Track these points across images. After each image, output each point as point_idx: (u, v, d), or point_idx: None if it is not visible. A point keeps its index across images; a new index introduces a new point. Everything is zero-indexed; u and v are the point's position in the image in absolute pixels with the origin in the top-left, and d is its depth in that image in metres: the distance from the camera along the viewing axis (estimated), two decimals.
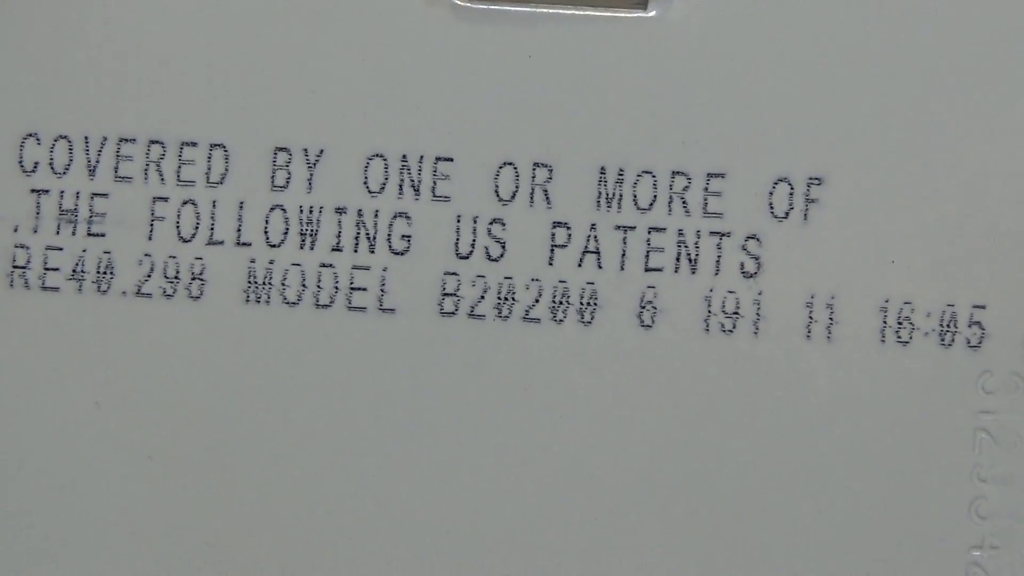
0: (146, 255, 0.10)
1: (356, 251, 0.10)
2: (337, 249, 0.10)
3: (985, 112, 0.10)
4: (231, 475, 0.10)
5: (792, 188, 0.10)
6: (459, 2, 0.10)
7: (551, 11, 0.10)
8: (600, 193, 0.10)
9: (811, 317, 0.10)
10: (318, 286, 0.10)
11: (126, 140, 0.10)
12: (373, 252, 0.10)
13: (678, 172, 0.10)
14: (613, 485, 0.10)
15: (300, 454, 0.10)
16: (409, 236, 0.10)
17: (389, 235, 0.10)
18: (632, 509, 0.10)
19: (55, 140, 0.10)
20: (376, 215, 0.10)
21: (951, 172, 0.10)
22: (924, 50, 0.10)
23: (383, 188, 0.10)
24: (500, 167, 0.10)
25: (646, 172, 0.10)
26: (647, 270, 0.10)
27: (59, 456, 0.11)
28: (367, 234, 0.10)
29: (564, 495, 0.10)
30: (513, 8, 0.10)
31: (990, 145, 0.10)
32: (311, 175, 0.10)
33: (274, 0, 0.10)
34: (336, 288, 0.10)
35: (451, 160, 0.10)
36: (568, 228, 0.10)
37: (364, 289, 0.10)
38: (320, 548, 0.10)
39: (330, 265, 0.10)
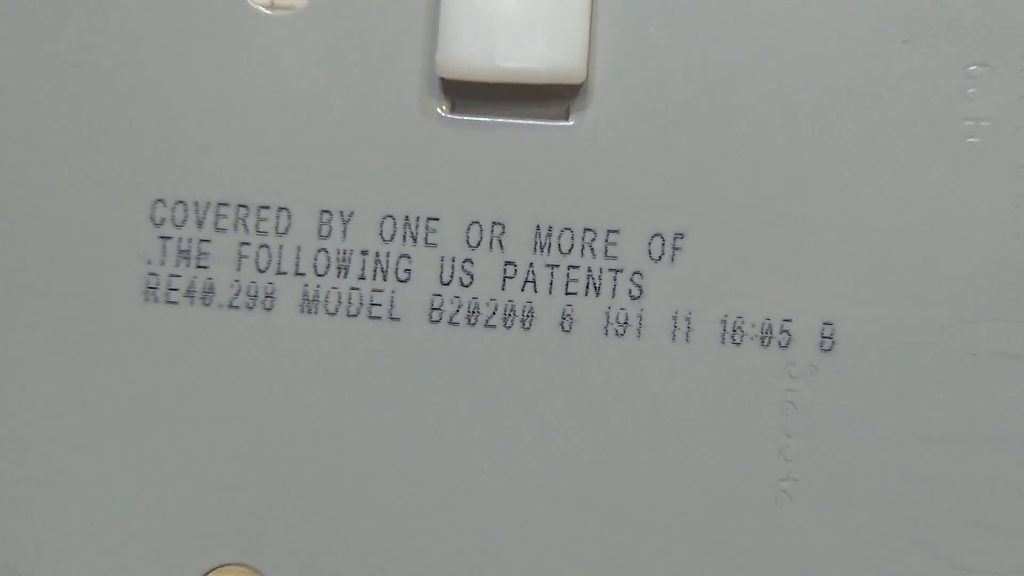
0: (236, 281, 0.14)
1: (375, 279, 0.14)
2: (362, 278, 0.14)
3: (795, 189, 0.14)
4: (289, 441, 0.14)
5: (664, 240, 0.14)
6: (443, 114, 0.15)
7: (505, 121, 0.14)
8: (536, 242, 0.14)
9: (675, 326, 0.14)
10: (349, 302, 0.14)
11: (223, 204, 0.14)
12: (385, 280, 0.14)
13: (588, 229, 0.14)
14: (536, 458, 0.14)
15: (335, 417, 0.14)
16: (409, 270, 0.14)
17: (396, 269, 0.14)
18: (545, 479, 0.14)
19: (176, 204, 0.14)
20: (388, 255, 0.14)
21: (771, 233, 0.14)
22: (758, 150, 0.14)
23: (392, 238, 0.14)
24: (470, 224, 0.14)
25: (567, 229, 0.14)
26: (567, 294, 0.14)
27: (174, 427, 0.14)
28: (382, 268, 0.14)
29: (489, 462, 0.14)
30: (478, 119, 0.14)
31: (800, 206, 0.14)
32: (345, 229, 0.14)
33: (321, 118, 0.14)
34: (361, 304, 0.14)
35: (438, 219, 0.14)
36: (515, 265, 0.14)
37: (379, 304, 0.14)
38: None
39: (357, 288, 0.14)
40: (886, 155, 0.14)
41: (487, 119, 0.14)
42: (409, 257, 0.14)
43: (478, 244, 0.14)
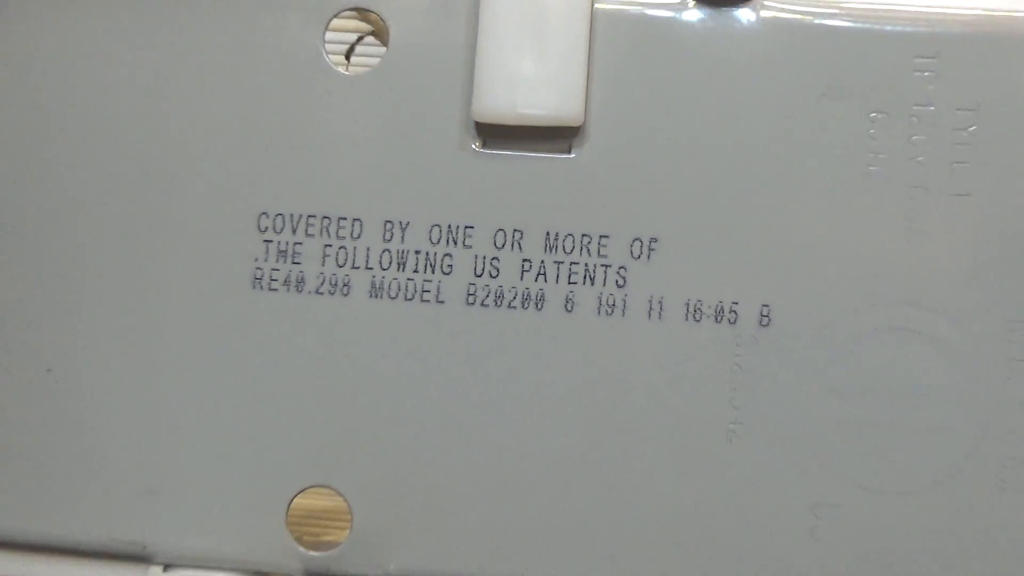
0: (321, 273, 0.19)
1: (425, 272, 0.18)
2: (416, 271, 0.18)
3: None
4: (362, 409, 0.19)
5: (642, 243, 0.18)
6: (477, 149, 0.19)
7: (523, 154, 0.19)
8: (546, 244, 0.18)
9: (651, 308, 0.18)
10: (406, 289, 0.18)
11: (311, 216, 0.19)
12: (433, 272, 0.19)
13: (585, 234, 0.18)
14: (545, 402, 0.18)
15: (397, 372, 0.18)
16: (451, 265, 0.18)
17: (441, 264, 0.18)
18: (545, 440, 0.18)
19: (276, 216, 0.19)
20: (435, 254, 0.18)
21: (723, 238, 0.19)
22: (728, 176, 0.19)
23: (439, 241, 0.18)
24: (496, 231, 0.18)
25: (569, 234, 0.18)
26: (569, 283, 0.18)
27: (275, 379, 0.19)
28: (431, 264, 0.18)
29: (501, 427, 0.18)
30: (503, 152, 0.19)
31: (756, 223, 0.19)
32: (403, 235, 0.19)
33: (385, 151, 0.18)
34: (415, 291, 0.18)
35: (472, 227, 0.18)
36: (530, 262, 0.18)
37: (429, 291, 0.18)
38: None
39: (412, 279, 0.18)
40: (810, 180, 0.18)
41: (510, 152, 0.19)
42: (451, 255, 0.19)
43: (503, 246, 0.19)
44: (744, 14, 0.18)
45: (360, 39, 0.20)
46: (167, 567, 0.19)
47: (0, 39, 0.19)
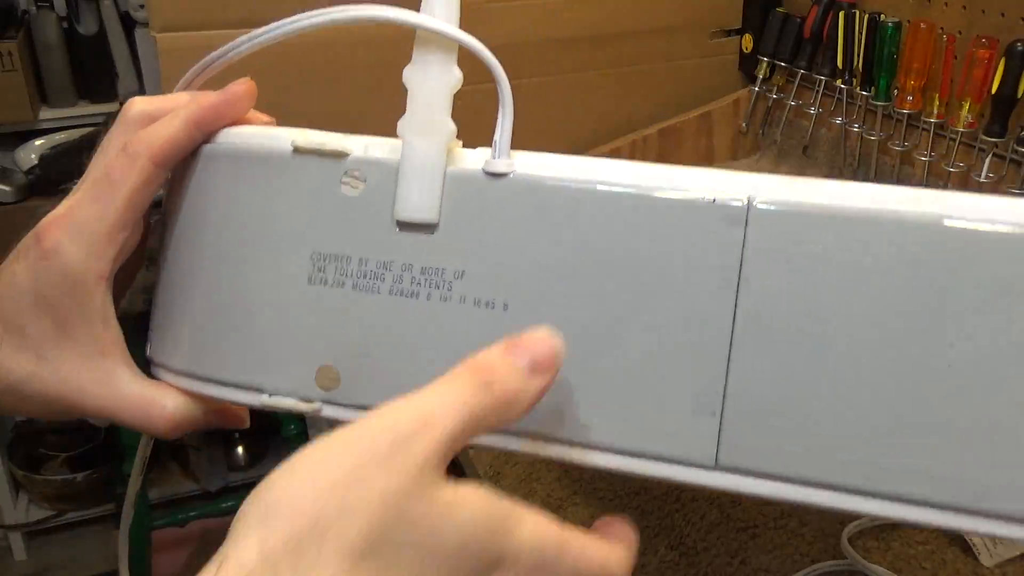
0: (336, 278, 0.47)
1: (375, 280, 0.46)
2: (372, 279, 0.46)
3: None
4: None
5: (458, 272, 0.45)
6: (396, 231, 0.46)
7: (414, 234, 0.46)
8: (422, 271, 0.45)
9: (461, 298, 0.45)
10: (368, 287, 0.46)
11: (331, 255, 0.47)
12: (376, 280, 0.46)
13: (435, 268, 0.45)
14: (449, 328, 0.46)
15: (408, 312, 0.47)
16: (384, 277, 0.46)
17: (380, 276, 0.46)
18: None
19: (318, 253, 0.47)
20: (377, 272, 0.46)
21: (493, 274, 0.45)
22: None
23: (379, 267, 0.45)
24: (402, 264, 0.45)
25: (431, 268, 0.45)
26: (430, 287, 0.45)
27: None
28: (376, 275, 0.46)
29: None
30: (407, 233, 0.46)
31: None
32: (366, 263, 0.46)
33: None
34: (370, 288, 0.45)
35: (392, 261, 0.46)
36: (415, 278, 0.45)
37: (375, 288, 0.46)
38: None
39: (371, 282, 0.46)
40: (523, 250, 0.45)
41: (409, 233, 0.45)
42: (383, 273, 0.44)
43: (404, 270, 0.45)
44: (510, 178, 0.45)
45: (363, 181, 0.47)
46: (271, 394, 0.48)
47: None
